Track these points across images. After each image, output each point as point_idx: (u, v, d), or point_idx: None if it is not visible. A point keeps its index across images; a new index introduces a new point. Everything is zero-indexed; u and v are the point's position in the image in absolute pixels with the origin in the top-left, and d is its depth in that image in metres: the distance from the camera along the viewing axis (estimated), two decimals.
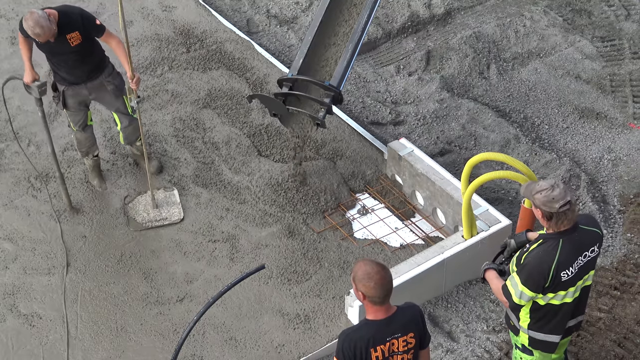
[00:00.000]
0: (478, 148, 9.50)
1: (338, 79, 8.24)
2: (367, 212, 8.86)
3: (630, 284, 8.06)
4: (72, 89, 8.45)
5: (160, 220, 8.76)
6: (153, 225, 8.73)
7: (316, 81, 8.29)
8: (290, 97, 8.36)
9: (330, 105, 8.23)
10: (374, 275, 5.43)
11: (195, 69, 10.31)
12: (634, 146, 9.45)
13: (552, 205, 5.94)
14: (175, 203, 8.91)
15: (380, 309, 5.53)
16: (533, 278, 6.05)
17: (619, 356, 7.49)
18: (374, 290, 5.44)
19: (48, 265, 8.35)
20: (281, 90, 8.35)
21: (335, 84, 8.21)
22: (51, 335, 7.81)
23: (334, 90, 8.19)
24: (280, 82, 8.40)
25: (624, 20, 10.97)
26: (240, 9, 11.47)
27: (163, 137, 9.54)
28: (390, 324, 5.57)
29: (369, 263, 5.48)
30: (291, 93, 8.29)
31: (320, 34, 8.63)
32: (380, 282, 5.43)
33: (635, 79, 10.20)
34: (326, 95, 8.24)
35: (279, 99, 8.32)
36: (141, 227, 8.71)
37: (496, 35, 10.78)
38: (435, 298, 8.09)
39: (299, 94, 8.30)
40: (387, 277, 5.47)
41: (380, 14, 11.02)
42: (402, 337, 5.61)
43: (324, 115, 8.22)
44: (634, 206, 8.82)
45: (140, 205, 8.91)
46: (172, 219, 8.77)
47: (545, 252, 6.05)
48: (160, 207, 8.87)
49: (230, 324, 7.89)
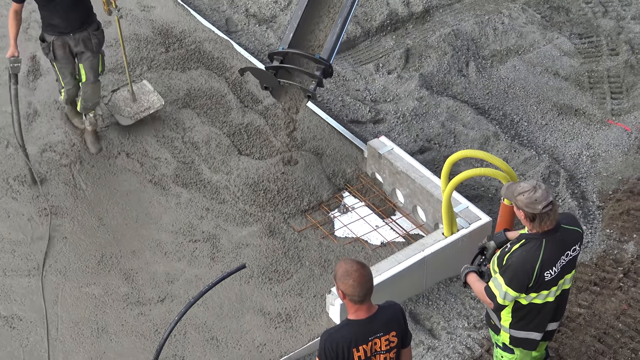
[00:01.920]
0: (457, 145, 9.52)
1: (328, 52, 8.35)
2: (347, 210, 8.87)
3: (610, 280, 8.10)
4: (61, 39, 8.78)
5: (145, 110, 9.40)
6: (141, 116, 9.37)
7: (307, 54, 8.40)
8: (281, 71, 8.46)
9: (321, 78, 8.35)
10: (353, 273, 5.43)
11: (174, 68, 10.28)
12: (613, 142, 9.49)
13: (534, 206, 5.97)
14: (150, 92, 9.50)
15: (361, 307, 5.53)
16: (517, 278, 6.07)
17: (599, 351, 7.53)
18: (353, 289, 5.44)
19: (28, 267, 8.32)
20: (272, 63, 8.44)
21: (326, 56, 8.32)
22: (31, 337, 7.78)
23: (325, 63, 8.29)
24: (271, 56, 8.50)
25: (601, 17, 11.02)
26: (219, 8, 11.45)
27: (143, 136, 9.52)
28: (372, 323, 5.57)
29: (348, 261, 5.49)
30: (282, 66, 8.39)
31: (310, 9, 8.70)
32: (359, 280, 5.43)
33: (613, 75, 10.25)
34: (317, 68, 8.36)
35: (271, 72, 8.43)
36: (132, 120, 9.36)
37: (475, 33, 10.80)
38: (416, 295, 8.11)
39: (290, 67, 8.41)
40: (367, 275, 5.47)
41: (359, 13, 11.02)
42: (384, 336, 5.61)
43: (315, 87, 8.36)
44: (612, 202, 8.87)
45: (120, 102, 9.44)
46: (155, 106, 9.39)
47: (529, 252, 6.07)
48: (139, 98, 9.39)
49: (212, 323, 7.88)
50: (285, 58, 8.43)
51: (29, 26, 10.83)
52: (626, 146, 9.43)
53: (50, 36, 8.82)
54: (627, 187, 9.00)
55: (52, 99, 9.88)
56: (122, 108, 9.42)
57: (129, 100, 9.46)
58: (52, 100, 9.87)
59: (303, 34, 8.66)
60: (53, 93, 9.92)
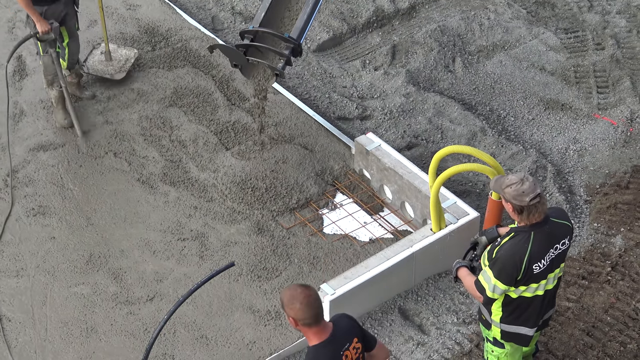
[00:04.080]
0: (445, 141, 9.53)
1: (298, 32, 8.41)
2: (335, 207, 8.87)
3: (598, 274, 8.12)
4: (52, 8, 9.08)
5: (127, 62, 9.96)
6: (127, 67, 9.94)
7: (276, 33, 8.44)
8: (252, 49, 8.50)
9: (290, 57, 8.40)
10: (298, 296, 5.37)
11: (160, 67, 10.27)
12: (599, 136, 9.52)
13: (522, 198, 5.98)
14: (117, 48, 10.13)
15: (318, 329, 5.46)
16: (506, 271, 6.09)
17: (588, 345, 7.56)
18: (302, 312, 5.37)
19: (16, 268, 8.30)
20: (242, 41, 8.48)
21: (295, 36, 8.38)
22: (20, 337, 7.77)
23: (294, 42, 8.34)
24: (242, 34, 8.54)
25: (586, 12, 11.05)
26: (205, 6, 11.44)
27: (130, 135, 9.51)
28: (335, 339, 5.51)
29: (293, 287, 5.43)
30: (252, 44, 8.43)
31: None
32: (306, 302, 5.36)
33: (599, 69, 10.28)
34: (286, 47, 8.40)
35: (240, 50, 8.46)
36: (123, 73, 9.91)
37: (461, 29, 10.82)
38: (405, 291, 8.12)
39: (259, 45, 8.44)
40: (313, 295, 5.40)
41: (345, 9, 11.02)
42: (351, 345, 5.57)
43: (283, 66, 8.40)
44: (600, 196, 8.90)
45: (97, 65, 9.97)
46: (132, 56, 10.03)
47: (517, 244, 6.09)
48: (113, 56, 9.89)
49: (201, 322, 7.88)
50: (255, 37, 8.49)
51: (15, 26, 10.81)
52: (613, 140, 9.46)
53: (41, 8, 9.00)
54: (614, 180, 9.03)
55: (39, 98, 9.86)
56: (104, 69, 9.87)
57: (105, 61, 9.97)
58: (39, 99, 9.85)
59: (275, 14, 8.71)
60: (39, 93, 9.91)
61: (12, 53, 9.32)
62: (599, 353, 7.49)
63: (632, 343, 7.55)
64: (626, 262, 8.20)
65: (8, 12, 11.07)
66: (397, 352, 7.64)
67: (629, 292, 7.95)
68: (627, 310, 7.82)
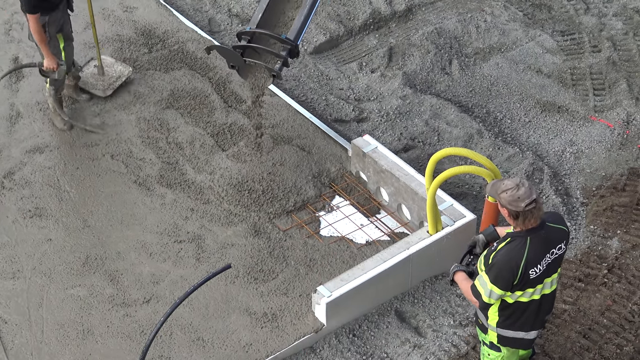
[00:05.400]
0: (441, 143, 9.54)
1: (295, 33, 8.42)
2: (332, 209, 8.87)
3: (594, 276, 8.13)
4: (52, 16, 9.03)
5: (118, 79, 9.91)
6: (116, 85, 9.87)
7: (273, 34, 8.46)
8: (249, 50, 8.52)
9: (287, 58, 8.42)
10: None
11: (157, 69, 10.27)
12: (596, 139, 9.53)
13: (517, 204, 5.98)
14: (114, 63, 10.15)
15: None
16: (502, 276, 6.08)
17: (584, 347, 7.56)
18: None
19: (13, 270, 8.29)
20: (240, 43, 8.49)
21: (292, 37, 8.39)
22: (17, 339, 7.76)
23: (291, 43, 8.35)
24: (239, 35, 8.55)
25: (583, 14, 11.06)
26: (201, 8, 11.44)
27: (128, 137, 9.50)
28: None
29: None
30: (249, 45, 8.45)
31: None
32: None
33: (595, 72, 10.29)
34: (283, 48, 8.41)
35: (237, 51, 8.48)
36: (110, 90, 9.84)
37: (457, 31, 10.83)
38: (401, 294, 8.12)
39: (256, 46, 8.46)
40: None
41: (342, 11, 11.03)
42: None
43: (280, 67, 8.43)
44: (596, 198, 8.90)
45: (89, 79, 9.94)
46: (125, 74, 9.96)
47: (514, 250, 6.08)
48: (105, 71, 9.84)
49: (198, 324, 7.87)
50: (252, 38, 8.50)
51: (11, 28, 10.81)
52: (609, 142, 9.47)
53: (43, 17, 8.94)
54: (611, 183, 9.04)
55: (35, 100, 9.86)
56: (94, 84, 9.87)
57: (97, 75, 9.95)
58: (35, 101, 9.85)
59: (272, 15, 8.72)
60: (36, 95, 9.90)
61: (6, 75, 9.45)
62: (595, 355, 7.49)
63: (628, 345, 7.56)
64: (622, 264, 8.20)
65: (4, 14, 11.07)
66: (394, 355, 7.65)
67: (625, 294, 7.95)
68: (624, 312, 7.82)
